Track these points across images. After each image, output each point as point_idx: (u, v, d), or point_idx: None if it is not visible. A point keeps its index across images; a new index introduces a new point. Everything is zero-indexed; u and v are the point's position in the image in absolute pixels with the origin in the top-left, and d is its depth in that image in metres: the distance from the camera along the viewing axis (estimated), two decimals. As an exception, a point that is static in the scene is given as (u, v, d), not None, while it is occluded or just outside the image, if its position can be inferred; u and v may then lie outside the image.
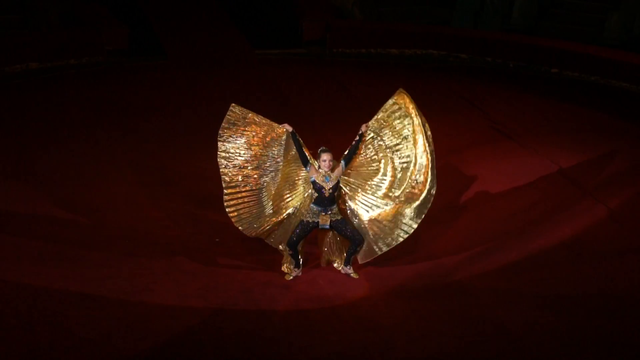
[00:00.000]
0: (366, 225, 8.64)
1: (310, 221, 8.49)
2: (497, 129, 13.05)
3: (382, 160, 8.69)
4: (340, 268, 8.84)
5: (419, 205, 8.50)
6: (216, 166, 11.42)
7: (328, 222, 8.51)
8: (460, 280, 8.80)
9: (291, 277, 8.69)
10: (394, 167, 8.65)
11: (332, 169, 8.46)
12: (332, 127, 12.65)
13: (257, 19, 18.44)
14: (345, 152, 8.64)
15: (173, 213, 10.03)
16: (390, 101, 8.73)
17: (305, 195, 8.67)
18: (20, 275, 8.55)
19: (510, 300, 8.49)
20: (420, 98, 14.42)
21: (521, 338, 7.89)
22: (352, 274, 8.76)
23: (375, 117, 8.73)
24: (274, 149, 8.64)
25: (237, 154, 8.58)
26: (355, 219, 8.69)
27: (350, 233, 8.58)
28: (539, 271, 9.04)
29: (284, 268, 8.79)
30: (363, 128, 8.67)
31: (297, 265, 8.73)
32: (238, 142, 8.58)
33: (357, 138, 8.65)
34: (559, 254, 9.44)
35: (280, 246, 8.77)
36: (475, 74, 16.10)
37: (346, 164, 8.59)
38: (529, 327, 8.05)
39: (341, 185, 8.63)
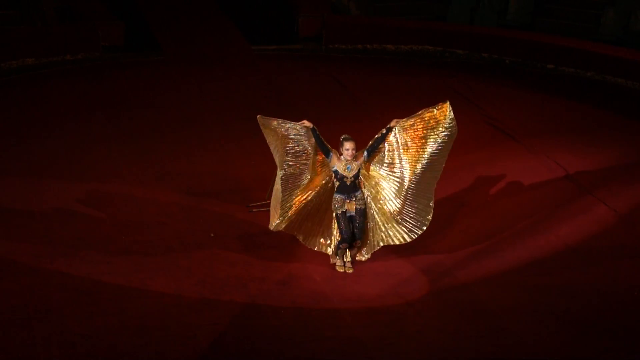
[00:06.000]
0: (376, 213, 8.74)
1: (341, 212, 8.58)
2: (493, 125, 13.04)
3: (396, 163, 8.68)
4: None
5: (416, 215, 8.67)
6: (211, 162, 11.45)
7: (354, 209, 8.58)
8: (458, 278, 8.79)
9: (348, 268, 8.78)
10: (405, 173, 8.67)
11: (355, 158, 8.52)
12: (328, 122, 12.59)
13: (253, 15, 18.40)
14: (370, 143, 8.66)
15: (169, 209, 10.02)
16: (432, 111, 8.64)
17: (329, 185, 8.72)
18: (16, 271, 8.55)
19: (508, 298, 8.49)
20: (415, 94, 14.55)
21: (518, 335, 7.89)
22: (347, 270, 8.76)
23: (409, 118, 8.64)
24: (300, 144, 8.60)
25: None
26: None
27: (357, 227, 8.63)
28: (538, 269, 9.02)
29: (337, 262, 8.86)
30: (393, 123, 8.61)
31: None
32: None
33: (384, 131, 8.63)
34: (558, 252, 9.39)
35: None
36: (471, 70, 16.09)
37: (369, 155, 8.63)
38: (527, 325, 8.05)
39: (360, 177, 8.64)
